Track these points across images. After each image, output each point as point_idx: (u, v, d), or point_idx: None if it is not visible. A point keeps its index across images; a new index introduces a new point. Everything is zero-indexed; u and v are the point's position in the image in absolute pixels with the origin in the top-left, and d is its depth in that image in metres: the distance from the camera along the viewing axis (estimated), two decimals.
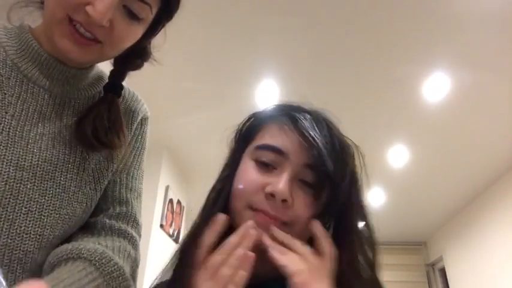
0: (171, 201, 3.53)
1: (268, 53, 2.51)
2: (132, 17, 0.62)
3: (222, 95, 2.82)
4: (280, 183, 0.57)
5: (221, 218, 0.59)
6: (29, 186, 0.59)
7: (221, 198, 0.63)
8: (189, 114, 2.89)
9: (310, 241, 0.60)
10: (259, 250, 0.55)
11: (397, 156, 3.51)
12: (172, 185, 3.56)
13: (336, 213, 0.61)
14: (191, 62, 2.54)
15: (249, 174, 0.61)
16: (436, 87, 2.68)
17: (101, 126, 0.66)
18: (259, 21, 2.27)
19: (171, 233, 3.48)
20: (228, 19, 2.26)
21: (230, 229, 0.59)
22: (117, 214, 0.70)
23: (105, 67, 0.75)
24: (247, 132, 0.68)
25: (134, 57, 0.72)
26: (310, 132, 0.60)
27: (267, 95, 2.77)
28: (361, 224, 0.63)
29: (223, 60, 2.55)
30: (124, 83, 0.75)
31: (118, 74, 0.73)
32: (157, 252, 3.03)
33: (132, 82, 0.80)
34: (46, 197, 0.61)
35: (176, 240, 3.50)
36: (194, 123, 3.08)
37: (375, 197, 4.16)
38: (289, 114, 0.64)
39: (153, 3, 0.63)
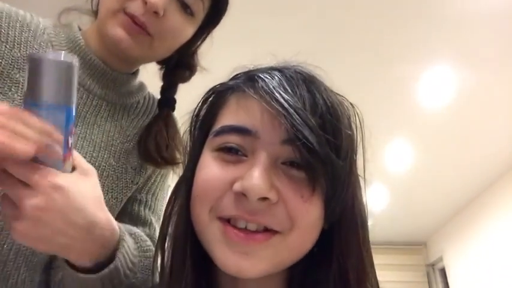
0: None
1: (266, 53, 2.51)
2: (185, 10, 0.63)
3: None
4: (253, 176, 0.40)
5: None
6: None
7: (182, 211, 0.48)
8: (190, 113, 2.90)
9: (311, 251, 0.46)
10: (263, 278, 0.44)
11: (397, 157, 3.51)
12: (173, 185, 3.57)
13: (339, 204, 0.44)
14: None
15: (208, 171, 0.44)
16: (437, 87, 2.68)
17: (162, 142, 0.67)
18: (256, 22, 2.28)
19: None
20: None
21: (196, 241, 0.45)
22: None
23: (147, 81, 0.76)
24: (206, 116, 0.51)
25: (183, 68, 0.74)
26: (276, 95, 0.41)
27: None
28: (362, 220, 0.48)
29: (224, 59, 2.55)
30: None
31: (169, 88, 0.73)
32: None
33: None
34: None
35: None
36: None
37: (375, 198, 4.17)
38: (250, 76, 0.47)
39: None
